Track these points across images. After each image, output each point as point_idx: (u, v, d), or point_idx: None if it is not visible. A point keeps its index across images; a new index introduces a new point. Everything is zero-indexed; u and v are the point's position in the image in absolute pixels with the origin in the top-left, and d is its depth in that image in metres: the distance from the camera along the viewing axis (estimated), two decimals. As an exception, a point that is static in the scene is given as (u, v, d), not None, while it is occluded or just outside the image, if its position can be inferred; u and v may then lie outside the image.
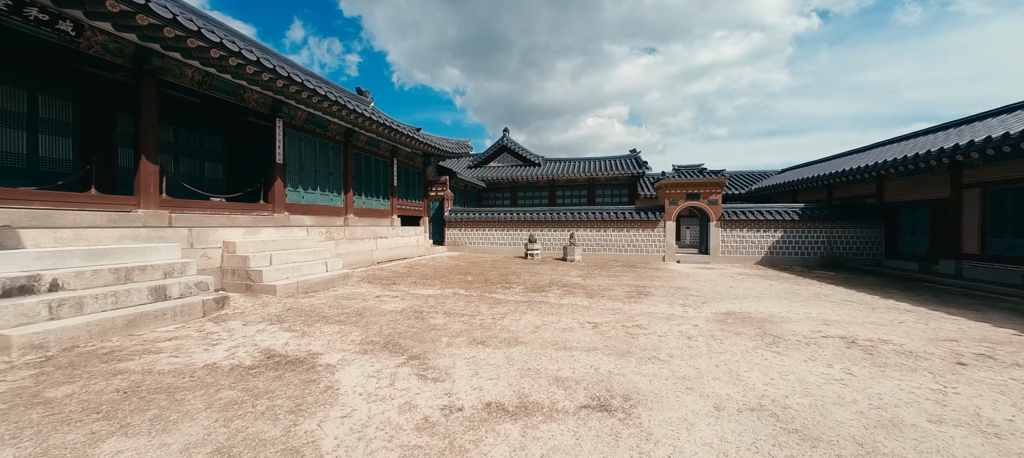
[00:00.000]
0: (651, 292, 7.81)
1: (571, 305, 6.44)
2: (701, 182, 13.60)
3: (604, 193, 22.96)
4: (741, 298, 7.28)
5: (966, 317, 5.95)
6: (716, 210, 13.63)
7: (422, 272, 10.24)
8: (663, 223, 14.11)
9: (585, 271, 11.10)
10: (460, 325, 5.05)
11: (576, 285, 8.59)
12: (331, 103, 9.26)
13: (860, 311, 6.27)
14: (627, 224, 14.48)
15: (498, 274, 10.14)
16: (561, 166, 23.75)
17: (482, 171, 24.60)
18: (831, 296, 7.58)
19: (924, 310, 6.43)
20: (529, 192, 24.03)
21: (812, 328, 5.14)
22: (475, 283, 8.61)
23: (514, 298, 6.99)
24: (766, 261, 13.32)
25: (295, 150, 9.97)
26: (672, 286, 8.61)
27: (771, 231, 13.41)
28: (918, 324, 5.50)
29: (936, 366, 3.79)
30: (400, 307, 6.01)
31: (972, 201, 10.11)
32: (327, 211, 11.13)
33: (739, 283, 9.16)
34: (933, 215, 11.27)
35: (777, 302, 6.93)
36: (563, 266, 12.24)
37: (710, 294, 7.67)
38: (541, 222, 15.50)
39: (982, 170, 9.81)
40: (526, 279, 9.39)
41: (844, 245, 13.05)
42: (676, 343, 4.40)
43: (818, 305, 6.69)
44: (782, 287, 8.63)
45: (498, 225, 16.12)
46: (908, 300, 7.28)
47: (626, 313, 5.89)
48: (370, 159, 13.49)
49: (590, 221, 14.88)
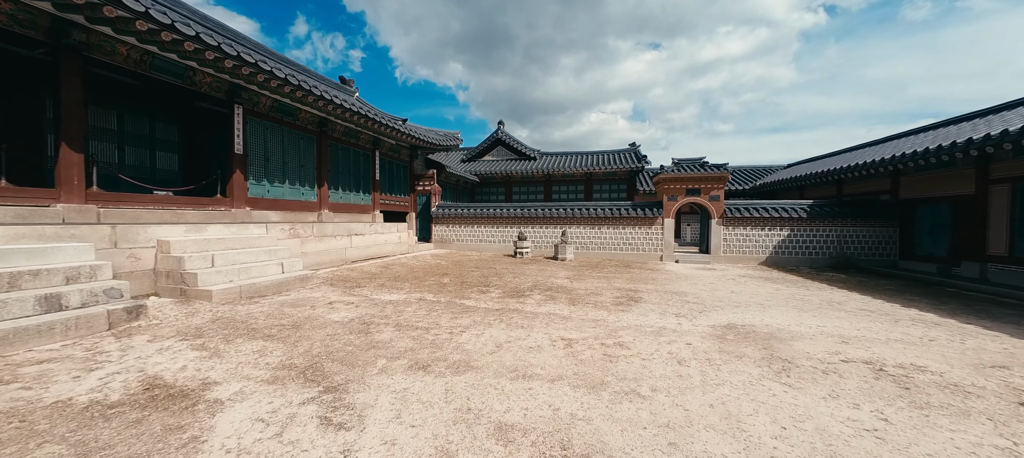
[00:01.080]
0: (643, 298, 6.99)
1: (548, 315, 5.63)
2: (702, 176, 12.71)
3: (602, 188, 22.08)
4: (743, 306, 6.45)
5: (1008, 333, 5.10)
6: (718, 207, 12.75)
7: (396, 273, 9.46)
8: (661, 220, 13.25)
9: (575, 272, 10.29)
10: (408, 342, 4.25)
11: (561, 289, 7.78)
12: (294, 88, 8.43)
13: (881, 324, 5.43)
14: (623, 221, 13.63)
15: (479, 275, 9.34)
16: (557, 160, 22.86)
17: (476, 165, 23.75)
18: (845, 304, 6.74)
19: (955, 323, 5.58)
20: (524, 187, 23.18)
21: (828, 348, 4.31)
22: (449, 286, 7.82)
23: (486, 305, 6.19)
24: (771, 262, 12.45)
25: (259, 140, 9.17)
26: (667, 290, 7.78)
27: (776, 229, 12.52)
28: (953, 342, 4.66)
29: (994, 409, 2.96)
30: (349, 317, 5.22)
31: (1000, 198, 9.20)
32: (298, 206, 10.34)
33: (741, 287, 8.32)
34: (955, 213, 10.35)
35: (784, 312, 6.09)
36: (553, 266, 11.42)
37: (709, 301, 6.84)
38: (532, 219, 14.67)
39: (1013, 164, 8.88)
40: (508, 281, 8.58)
41: (855, 245, 12.15)
42: (663, 370, 3.58)
43: (832, 316, 5.85)
44: (789, 292, 7.79)
45: (487, 221, 15.31)
46: (933, 310, 6.43)
47: (609, 326, 5.07)
48: (349, 151, 12.68)
49: (583, 218, 14.04)
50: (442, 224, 15.99)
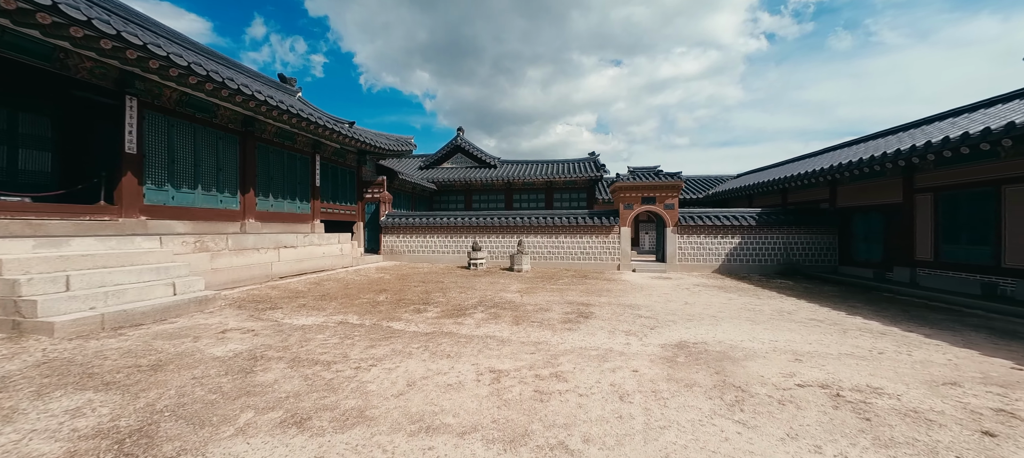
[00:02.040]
0: (594, 313, 6.49)
1: (485, 339, 4.95)
2: (656, 185, 12.67)
3: (562, 197, 21.89)
4: (697, 320, 6.11)
5: (947, 341, 5.05)
6: (672, 215, 12.74)
7: (328, 290, 8.41)
8: (618, 229, 13.05)
9: (529, 284, 9.71)
10: (296, 384, 3.40)
11: (508, 305, 7.14)
12: (203, 79, 7.30)
13: (831, 336, 5.23)
14: (580, 230, 13.30)
15: (421, 291, 8.50)
16: (518, 168, 22.46)
17: (434, 173, 22.84)
18: (795, 314, 6.60)
19: (898, 332, 5.51)
20: (484, 195, 22.53)
21: (783, 368, 3.94)
22: (383, 305, 6.95)
23: (416, 328, 5.41)
24: (724, 269, 12.56)
25: (161, 138, 7.88)
26: (620, 304, 7.36)
27: (729, 237, 12.68)
28: (901, 354, 4.47)
29: (959, 442, 2.62)
30: (236, 351, 4.25)
31: (925, 206, 9.70)
32: (213, 215, 9.04)
33: (696, 298, 8.09)
34: (886, 221, 10.87)
35: (738, 325, 5.80)
36: (506, 278, 10.79)
37: (662, 314, 6.46)
38: (487, 228, 14.01)
39: (935, 174, 9.40)
40: (453, 297, 7.83)
41: (800, 251, 12.53)
42: (602, 409, 3.00)
43: (784, 328, 5.62)
44: (742, 302, 7.62)
45: (440, 231, 14.46)
46: (876, 317, 6.42)
47: (551, 351, 4.47)
48: (283, 154, 11.46)
49: (541, 227, 13.57)
50: (392, 234, 14.93)
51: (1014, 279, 7.73)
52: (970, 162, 8.49)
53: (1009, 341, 5.14)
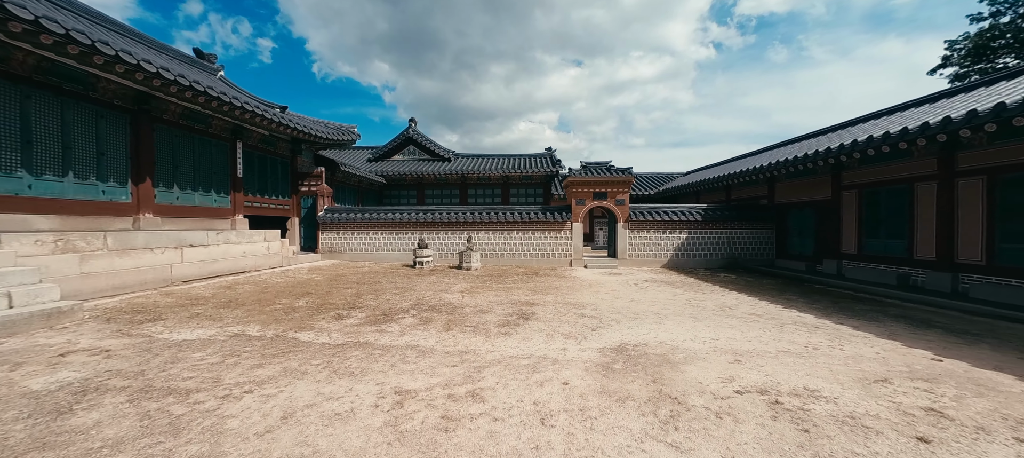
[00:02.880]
0: (536, 314, 6.05)
1: (405, 349, 4.31)
2: (608, 180, 12.57)
3: (519, 193, 21.50)
4: (641, 318, 5.85)
5: (874, 333, 5.13)
6: (623, 210, 12.71)
7: (237, 295, 7.32)
8: (570, 225, 12.82)
9: (475, 283, 9.13)
10: (124, 427, 2.58)
11: (446, 307, 6.52)
12: (61, 40, 5.93)
13: (769, 331, 5.15)
14: (532, 226, 12.92)
15: (351, 294, 7.65)
16: (473, 162, 21.75)
17: (383, 165, 21.54)
18: (736, 309, 6.57)
19: (830, 325, 5.56)
20: (438, 190, 21.60)
21: (722, 372, 3.68)
22: (298, 312, 6.06)
23: (326, 339, 4.65)
24: (672, 264, 12.74)
25: (9, 113, 6.37)
26: (566, 302, 7.00)
27: (677, 232, 12.87)
28: (834, 349, 4.42)
29: (897, 449, 2.39)
30: (62, 382, 3.29)
31: (850, 202, 10.30)
32: (94, 209, 7.57)
33: (643, 294, 7.93)
34: (818, 216, 11.48)
35: (681, 323, 5.60)
36: (453, 277, 10.14)
37: (606, 313, 6.15)
38: (435, 224, 13.24)
39: (859, 172, 9.98)
40: (385, 300, 7.07)
41: (742, 246, 13.00)
42: (516, 439, 2.49)
43: (725, 325, 5.49)
44: (687, 298, 7.55)
45: (385, 227, 13.47)
46: (810, 310, 6.53)
47: (477, 362, 3.93)
48: (193, 139, 9.98)
49: (492, 223, 13.03)
50: (331, 231, 13.71)
51: (924, 270, 8.31)
52: (888, 161, 9.05)
53: (925, 330, 5.33)
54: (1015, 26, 20.58)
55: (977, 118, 6.12)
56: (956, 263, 7.74)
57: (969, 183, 7.53)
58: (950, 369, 3.85)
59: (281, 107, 13.52)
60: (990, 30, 21.17)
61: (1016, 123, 5.80)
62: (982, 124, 6.17)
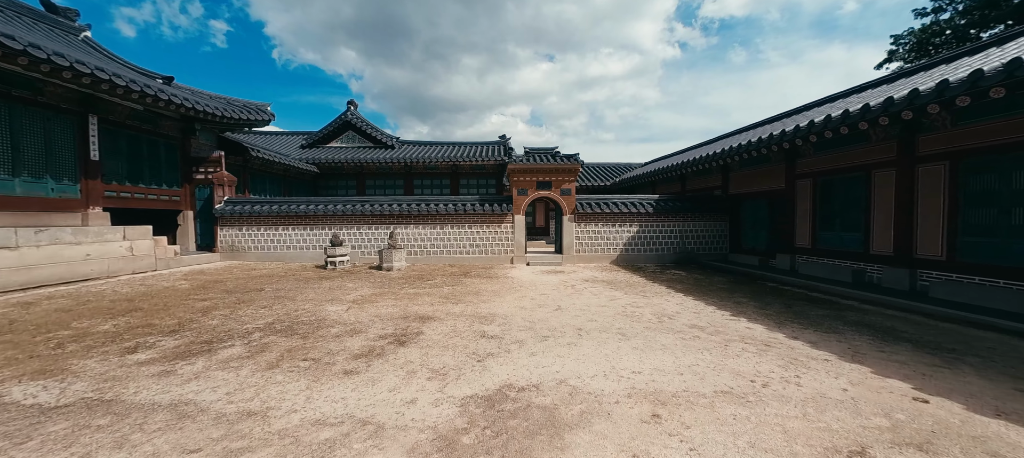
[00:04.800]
0: (421, 335, 4.59)
1: (164, 408, 2.73)
2: (552, 168, 11.27)
3: (470, 183, 19.92)
4: (554, 337, 4.53)
5: (835, 353, 4.05)
6: (569, 201, 11.47)
7: (15, 318, 5.37)
8: (511, 217, 11.44)
9: (381, 289, 7.55)
10: None
11: (310, 325, 4.93)
12: None
13: (710, 355, 3.95)
14: (468, 219, 11.43)
15: (198, 309, 5.88)
16: (419, 150, 19.89)
17: (317, 152, 19.27)
18: (677, 318, 5.40)
19: (784, 340, 4.47)
20: (380, 180, 19.63)
21: (630, 439, 2.37)
22: (83, 342, 4.28)
23: (51, 396, 2.98)
24: (622, 259, 11.67)
25: None
26: (474, 314, 5.59)
27: (627, 225, 11.81)
28: (789, 386, 3.25)
29: None
30: None
31: (804, 192, 9.52)
32: None
33: (575, 299, 6.66)
34: (771, 208, 10.71)
35: (602, 344, 4.32)
36: (360, 281, 8.49)
37: (516, 330, 4.79)
38: (357, 217, 11.46)
39: (814, 159, 9.19)
40: (237, 317, 5.38)
41: (695, 239, 12.13)
42: None
43: (657, 345, 4.26)
44: (623, 304, 6.34)
45: (296, 222, 11.53)
46: (761, 317, 5.47)
47: (247, 437, 2.42)
48: (17, 109, 7.69)
49: (420, 215, 11.42)
50: (232, 227, 11.60)
51: (879, 266, 7.57)
52: (845, 146, 8.26)
53: (892, 345, 4.35)
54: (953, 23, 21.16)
55: (949, 89, 5.21)
56: (914, 258, 7.00)
57: (930, 169, 6.76)
58: (942, 418, 2.75)
59: (165, 78, 11.21)
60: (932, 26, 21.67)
61: (994, 94, 4.91)
62: (954, 97, 5.27)
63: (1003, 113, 5.74)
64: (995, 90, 4.91)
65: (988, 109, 5.82)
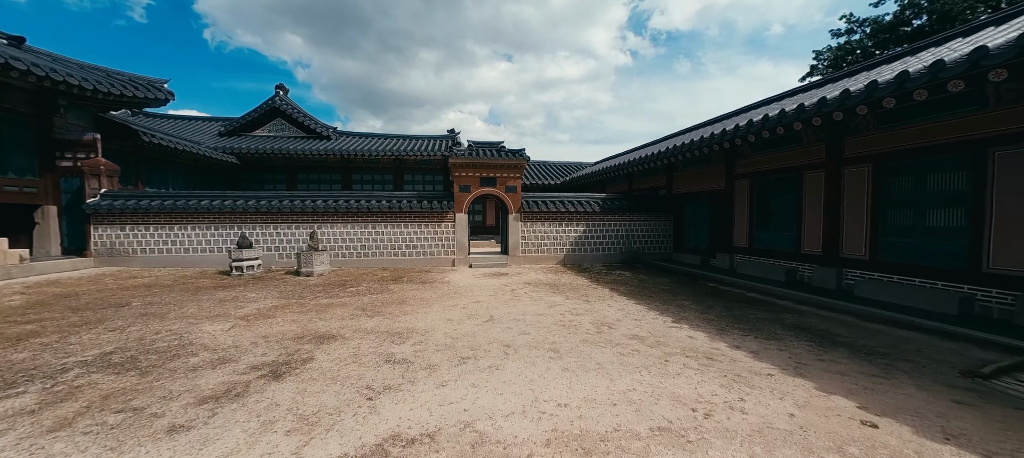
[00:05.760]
0: (311, 361, 3.67)
1: None
2: (497, 163, 10.59)
3: (415, 179, 18.70)
4: (477, 358, 3.82)
5: (778, 366, 3.74)
6: (515, 199, 10.87)
7: None
8: (452, 216, 10.60)
9: (286, 300, 6.41)
10: None
11: (169, 353, 3.80)
12: None
13: (648, 376, 3.45)
14: (404, 217, 10.42)
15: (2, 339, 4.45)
16: (358, 142, 18.30)
17: (239, 141, 17.04)
18: (617, 329, 4.92)
19: (725, 351, 4.11)
20: (314, 174, 17.80)
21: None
22: None
23: None
24: (569, 260, 11.29)
25: None
26: (387, 331, 4.73)
27: (574, 224, 11.44)
28: (734, 413, 2.80)
29: None
30: None
31: (742, 192, 9.67)
32: None
33: (510, 308, 6.01)
34: (712, 207, 10.85)
35: (530, 366, 3.68)
36: (267, 289, 7.24)
37: (431, 350, 4.01)
38: (272, 214, 10.01)
39: (752, 160, 9.33)
40: (69, 347, 4.09)
41: (640, 238, 12.07)
42: None
43: (592, 365, 3.70)
44: (563, 311, 5.79)
45: (196, 219, 9.83)
46: (702, 323, 5.17)
47: None
48: None
49: (350, 213, 10.23)
50: (112, 225, 9.62)
51: (810, 265, 7.74)
52: (780, 147, 8.39)
53: (831, 351, 4.15)
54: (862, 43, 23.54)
55: (878, 90, 5.20)
56: (841, 258, 7.18)
57: (855, 171, 6.94)
58: (893, 446, 2.40)
59: (11, 38, 8.99)
60: (845, 44, 23.91)
61: (917, 96, 4.94)
62: (881, 98, 5.29)
63: (917, 119, 5.92)
64: (918, 92, 4.94)
65: (905, 114, 5.98)
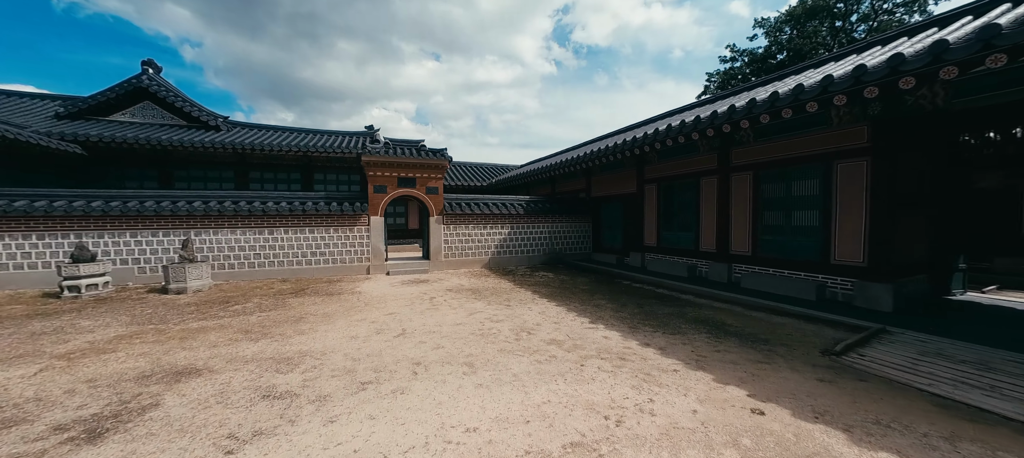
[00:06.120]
0: (159, 404, 2.86)
1: None
2: (416, 163, 9.98)
3: (328, 179, 16.98)
4: (382, 380, 3.35)
5: (682, 360, 3.92)
6: (437, 201, 10.36)
7: None
8: (366, 219, 9.71)
9: (145, 325, 5.13)
10: None
11: None
12: None
13: (564, 385, 3.34)
14: (311, 220, 9.26)
15: None
16: (258, 135, 15.98)
17: (89, 127, 13.67)
18: (536, 334, 4.81)
19: (636, 349, 4.23)
20: (198, 171, 15.08)
21: None
22: None
23: None
24: (493, 263, 11.12)
25: None
26: (274, 356, 3.98)
27: (499, 227, 11.32)
28: (644, 416, 2.80)
29: None
30: None
31: (651, 196, 10.45)
32: None
33: (426, 318, 5.57)
34: (625, 210, 11.57)
35: (442, 379, 3.33)
36: (112, 313, 5.76)
37: (330, 373, 3.43)
38: (124, 218, 8.10)
39: (658, 166, 10.12)
40: None
41: (563, 240, 12.41)
42: None
43: (507, 377, 3.48)
44: (483, 317, 5.54)
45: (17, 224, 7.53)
46: (616, 321, 5.32)
47: None
48: None
49: (238, 216, 8.77)
50: None
51: (707, 261, 8.61)
52: (682, 155, 9.22)
53: (724, 341, 4.52)
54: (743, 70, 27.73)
55: (757, 106, 5.90)
56: (731, 254, 8.08)
57: (740, 177, 7.86)
58: (779, 435, 2.56)
59: None
60: (730, 70, 27.90)
61: (784, 115, 5.69)
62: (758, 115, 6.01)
63: (785, 134, 6.90)
64: (785, 111, 5.71)
65: (777, 130, 6.93)
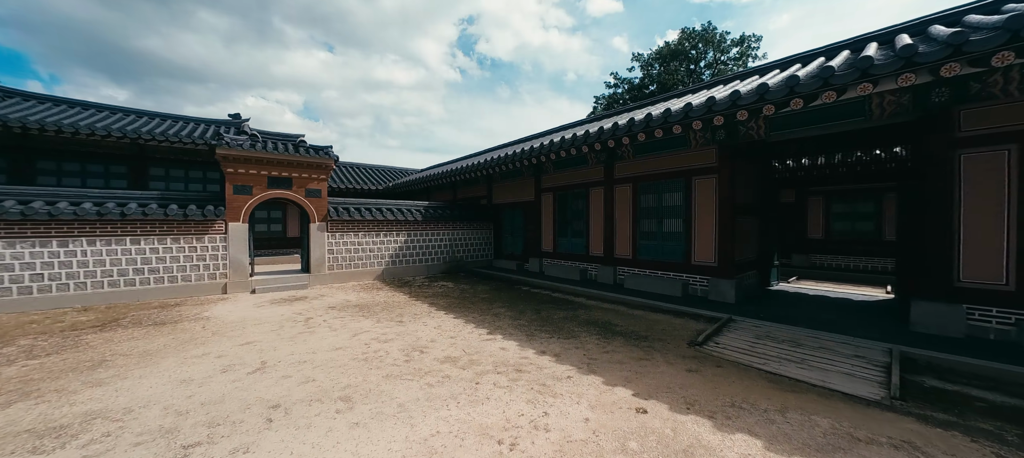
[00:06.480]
0: None
1: None
2: (292, 161, 8.58)
3: (172, 175, 13.55)
4: (225, 431, 2.58)
5: (575, 365, 3.98)
6: (320, 206, 9.08)
7: None
8: (223, 226, 7.95)
9: None
10: None
11: None
12: None
13: (458, 408, 3.04)
14: (137, 227, 7.15)
15: None
16: (56, 112, 11.91)
17: None
18: (430, 351, 4.41)
19: (532, 358, 4.17)
20: (-57, 157, 10.50)
21: None
22: None
23: None
24: (388, 274, 10.24)
25: None
26: (43, 425, 2.78)
27: (395, 234, 10.48)
28: (538, 432, 2.66)
29: None
30: None
31: (548, 204, 10.92)
32: None
33: (297, 345, 4.68)
34: (525, 217, 11.88)
35: (306, 425, 2.72)
36: None
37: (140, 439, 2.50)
38: None
39: (554, 176, 10.63)
40: None
41: (464, 247, 12.15)
42: None
43: (391, 410, 3.02)
44: (369, 338, 4.89)
45: None
46: (514, 330, 5.25)
47: None
48: None
49: (23, 221, 6.29)
50: None
51: (596, 265, 9.29)
52: (575, 166, 9.82)
53: (610, 341, 4.79)
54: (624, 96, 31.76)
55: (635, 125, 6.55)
56: (616, 258, 8.86)
57: (623, 188, 8.69)
58: (660, 431, 2.69)
59: None
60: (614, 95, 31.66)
61: (656, 134, 6.44)
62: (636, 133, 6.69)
63: (657, 151, 7.86)
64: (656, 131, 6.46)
65: (651, 147, 7.86)
